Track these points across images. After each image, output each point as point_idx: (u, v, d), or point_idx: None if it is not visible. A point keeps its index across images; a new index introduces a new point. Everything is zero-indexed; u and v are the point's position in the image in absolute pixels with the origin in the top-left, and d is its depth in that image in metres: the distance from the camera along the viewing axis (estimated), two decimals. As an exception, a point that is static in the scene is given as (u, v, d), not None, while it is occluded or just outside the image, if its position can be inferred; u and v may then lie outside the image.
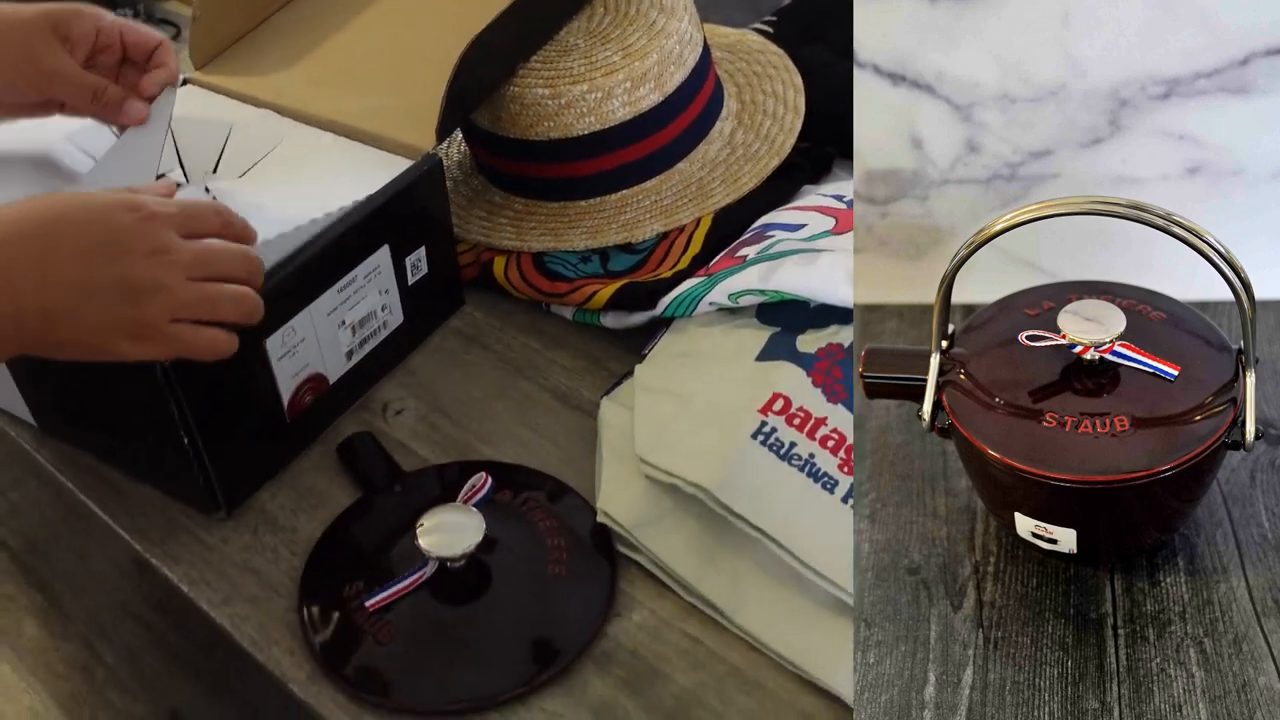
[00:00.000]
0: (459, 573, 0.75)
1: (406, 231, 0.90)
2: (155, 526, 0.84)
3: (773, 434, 0.78)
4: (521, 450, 0.87)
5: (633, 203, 0.98)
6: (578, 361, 0.93)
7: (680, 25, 0.97)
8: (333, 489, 0.86)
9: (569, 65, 0.95)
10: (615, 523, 0.78)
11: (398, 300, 0.91)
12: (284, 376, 0.83)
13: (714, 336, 0.86)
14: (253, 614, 0.78)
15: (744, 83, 1.07)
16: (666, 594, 0.77)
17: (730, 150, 1.01)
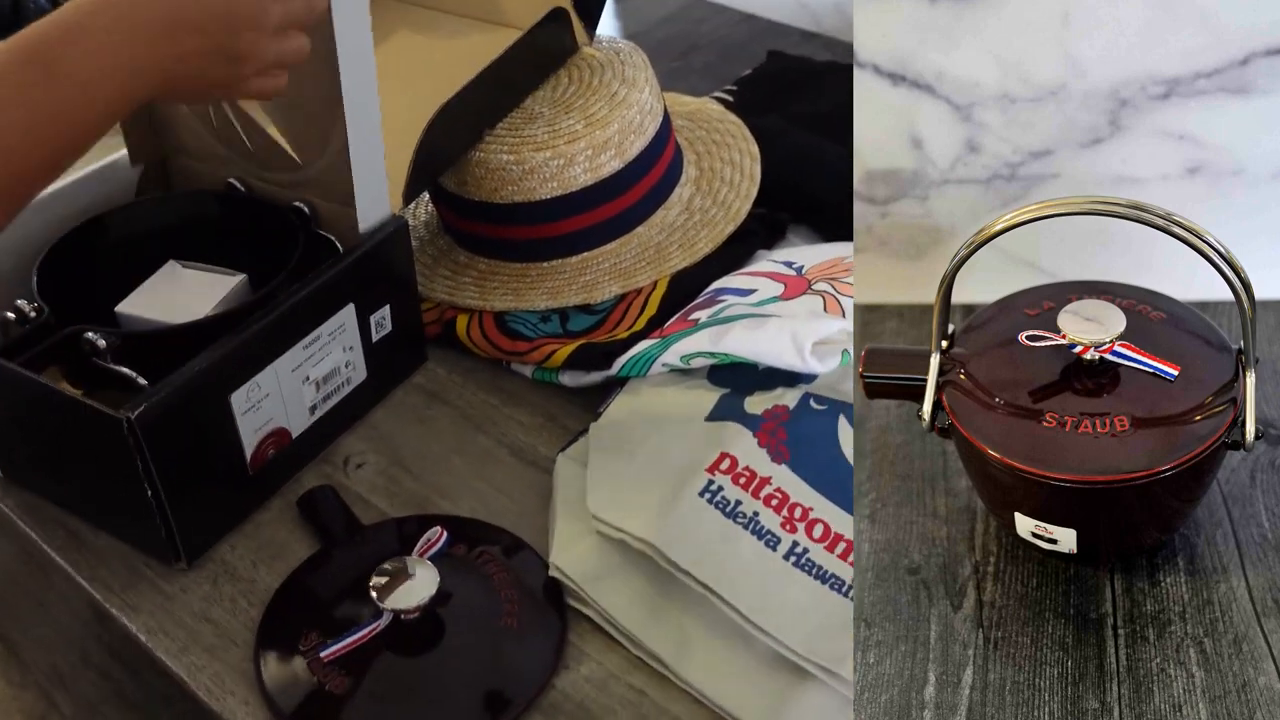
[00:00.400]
0: (413, 625, 0.77)
1: (372, 290, 0.92)
2: (115, 576, 0.85)
3: (719, 492, 0.80)
4: (478, 504, 0.89)
5: (592, 265, 1.01)
6: (536, 418, 0.96)
7: (641, 96, 1.01)
8: (292, 541, 0.87)
9: (533, 133, 0.99)
10: (566, 577, 0.80)
11: (361, 357, 0.93)
12: (247, 430, 0.85)
13: (666, 396, 0.89)
14: (209, 664, 0.79)
15: (703, 150, 1.11)
16: (615, 647, 0.79)
17: (688, 215, 1.05)
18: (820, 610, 0.76)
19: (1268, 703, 0.73)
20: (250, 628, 0.81)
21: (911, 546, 0.86)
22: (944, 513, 0.88)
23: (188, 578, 0.85)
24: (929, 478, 0.90)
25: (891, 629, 0.80)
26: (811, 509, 0.80)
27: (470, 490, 0.90)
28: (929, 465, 0.91)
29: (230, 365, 0.82)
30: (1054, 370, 0.80)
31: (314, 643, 0.78)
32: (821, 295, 0.91)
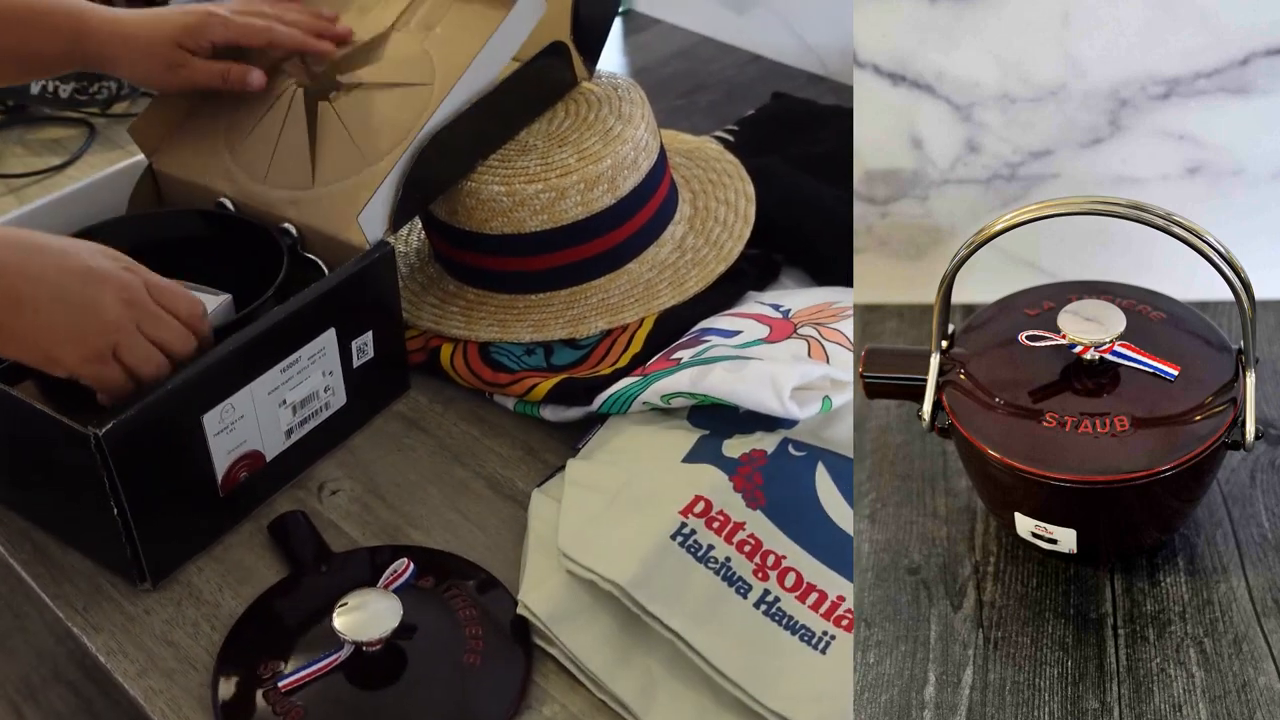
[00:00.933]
0: (374, 657, 0.75)
1: (355, 316, 0.91)
2: (80, 593, 0.85)
3: (691, 535, 0.79)
4: (451, 536, 0.88)
5: (581, 299, 1.01)
6: (515, 451, 0.95)
7: (637, 132, 1.01)
8: (260, 566, 0.86)
9: (526, 164, 0.98)
10: (533, 615, 0.78)
11: (341, 382, 0.92)
12: (219, 452, 0.84)
13: (645, 435, 0.88)
14: (167, 688, 0.78)
15: (699, 189, 1.10)
16: (579, 689, 0.77)
17: (680, 254, 1.04)
18: (788, 661, 0.74)
19: (1268, 703, 0.73)
20: (212, 652, 0.80)
21: (911, 546, 0.86)
22: (944, 513, 0.88)
23: (151, 599, 0.84)
24: (929, 478, 0.90)
25: (891, 629, 0.80)
26: (785, 557, 0.78)
27: (444, 522, 0.89)
28: (929, 465, 0.91)
29: (204, 385, 0.81)
30: (1054, 370, 0.80)
31: (273, 672, 0.77)
32: (806, 340, 0.90)
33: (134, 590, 0.84)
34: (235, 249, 0.95)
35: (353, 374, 0.93)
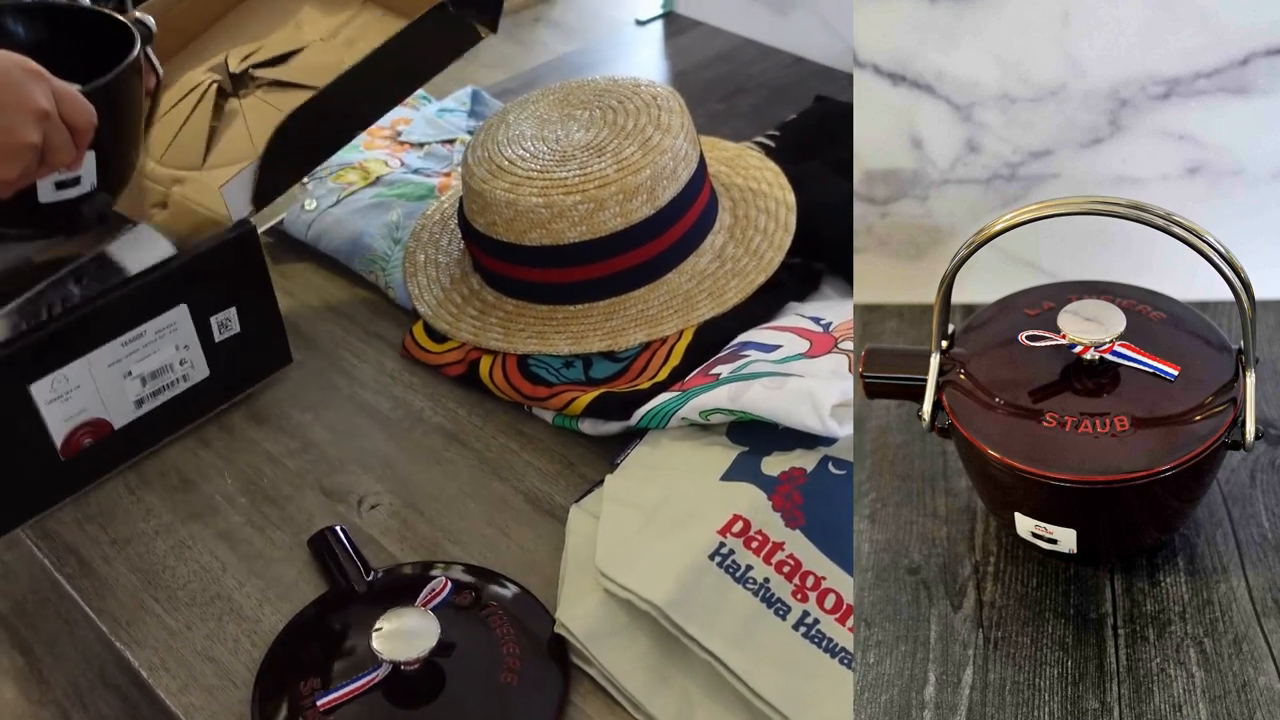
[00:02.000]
0: (412, 676, 0.75)
1: (209, 292, 0.94)
2: (123, 608, 0.85)
3: (730, 556, 0.78)
4: (489, 552, 0.87)
5: (619, 311, 1.00)
6: (554, 465, 0.94)
7: (675, 142, 1.00)
8: (300, 581, 0.86)
9: (564, 176, 0.98)
10: (570, 634, 0.78)
11: (201, 356, 0.95)
12: (55, 420, 0.88)
13: (683, 452, 0.87)
14: (207, 704, 0.79)
15: (739, 197, 1.09)
16: (616, 710, 0.77)
17: (720, 264, 1.03)
18: (827, 684, 0.73)
19: (1268, 703, 0.73)
20: (251, 669, 0.80)
21: (911, 546, 0.86)
22: (944, 513, 0.88)
23: (193, 613, 0.84)
24: (929, 478, 0.90)
25: (891, 629, 0.80)
26: (825, 578, 0.77)
27: (482, 537, 0.88)
28: (929, 465, 0.91)
29: (32, 356, 0.85)
30: (1054, 370, 0.80)
31: (312, 689, 0.77)
32: (847, 355, 0.89)
33: (176, 605, 0.85)
34: (89, 47, 0.93)
35: (215, 348, 0.96)
